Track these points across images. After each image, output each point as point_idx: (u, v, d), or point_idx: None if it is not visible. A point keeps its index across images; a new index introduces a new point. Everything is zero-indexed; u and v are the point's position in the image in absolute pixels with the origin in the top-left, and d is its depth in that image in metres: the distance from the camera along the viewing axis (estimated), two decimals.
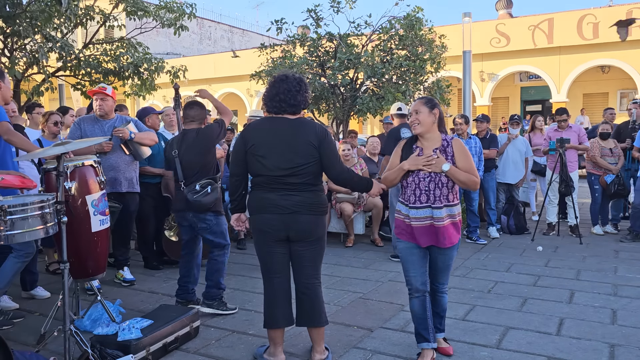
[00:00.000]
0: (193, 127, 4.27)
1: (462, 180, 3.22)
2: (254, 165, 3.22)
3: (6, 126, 3.88)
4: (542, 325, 3.96)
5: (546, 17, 17.20)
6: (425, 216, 3.22)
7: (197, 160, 4.17)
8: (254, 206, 3.27)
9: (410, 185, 3.28)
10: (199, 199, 4.05)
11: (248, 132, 3.25)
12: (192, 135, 4.22)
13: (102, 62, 9.25)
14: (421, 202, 3.24)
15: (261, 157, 3.18)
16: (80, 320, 3.78)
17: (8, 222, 2.85)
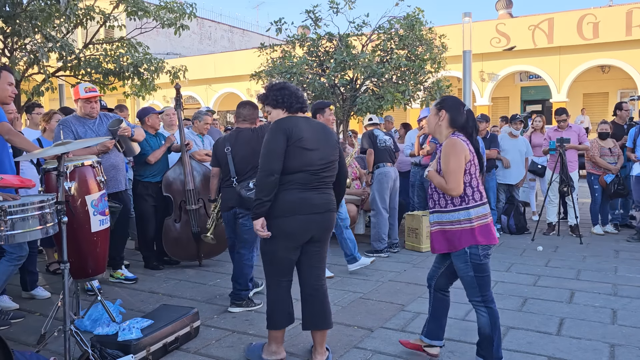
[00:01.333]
0: (246, 127, 4.47)
1: (436, 184, 3.16)
2: (298, 160, 3.14)
3: (7, 126, 3.88)
4: (542, 325, 3.97)
5: (546, 17, 17.19)
6: (432, 222, 3.27)
7: (250, 159, 4.30)
8: (285, 208, 3.16)
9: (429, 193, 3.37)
10: (251, 196, 4.13)
11: (289, 127, 3.17)
12: (247, 134, 4.43)
13: (102, 62, 9.24)
14: (429, 207, 3.32)
15: (310, 150, 3.18)
16: (80, 320, 3.78)
17: (8, 222, 2.85)
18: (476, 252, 3.09)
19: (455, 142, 3.10)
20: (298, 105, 3.30)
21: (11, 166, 4.06)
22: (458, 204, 3.10)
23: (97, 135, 4.79)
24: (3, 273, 3.95)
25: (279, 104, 3.29)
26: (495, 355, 3.19)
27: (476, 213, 3.10)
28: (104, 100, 6.76)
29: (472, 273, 3.13)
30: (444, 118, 3.20)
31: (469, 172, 3.11)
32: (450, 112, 3.18)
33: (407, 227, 6.74)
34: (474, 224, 3.07)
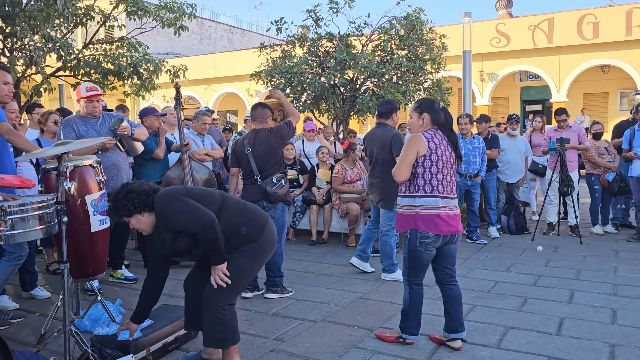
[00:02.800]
0: (261, 127, 4.75)
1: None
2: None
3: (7, 126, 3.88)
4: (542, 325, 3.97)
5: (546, 17, 17.20)
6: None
7: (270, 157, 4.66)
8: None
9: None
10: (276, 191, 4.58)
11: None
12: (264, 133, 4.69)
13: (101, 62, 9.24)
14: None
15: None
16: (80, 320, 3.78)
17: (8, 222, 2.85)
18: (414, 237, 3.45)
19: (416, 137, 3.44)
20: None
21: (12, 166, 4.06)
22: (404, 191, 3.53)
23: (99, 134, 4.78)
24: (3, 273, 3.94)
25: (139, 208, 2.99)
26: (411, 331, 3.63)
27: (422, 202, 3.44)
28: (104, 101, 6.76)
29: (405, 254, 3.55)
30: (426, 119, 3.50)
31: (422, 165, 3.42)
32: (430, 113, 3.49)
33: None
34: (417, 211, 3.44)
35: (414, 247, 3.46)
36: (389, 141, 5.10)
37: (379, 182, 5.21)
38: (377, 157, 5.24)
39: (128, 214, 2.89)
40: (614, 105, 19.19)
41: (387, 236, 5.25)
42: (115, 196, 2.92)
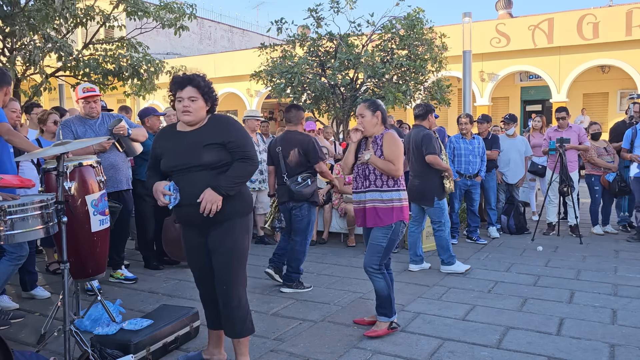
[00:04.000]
0: (294, 129, 5.00)
1: (381, 167, 3.74)
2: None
3: (6, 127, 3.88)
4: (542, 325, 3.96)
5: (546, 17, 17.18)
6: (358, 200, 3.86)
7: (299, 158, 4.87)
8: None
9: (354, 174, 3.93)
10: (300, 190, 4.79)
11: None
12: (295, 135, 4.95)
13: (101, 62, 9.23)
14: (357, 188, 3.88)
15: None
16: (80, 320, 3.78)
17: (8, 222, 2.85)
18: (399, 227, 3.78)
19: (395, 135, 3.81)
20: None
21: (12, 166, 4.06)
22: (392, 185, 3.77)
23: (97, 135, 4.77)
24: (3, 273, 3.94)
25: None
26: (394, 311, 3.84)
27: (404, 195, 3.83)
28: (104, 101, 6.75)
29: (384, 244, 3.76)
30: (380, 117, 3.81)
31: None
32: (382, 111, 3.83)
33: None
34: (402, 203, 3.79)
35: (396, 236, 3.78)
36: (420, 140, 5.38)
37: (416, 180, 5.53)
38: (413, 157, 5.53)
39: (196, 84, 2.93)
40: (614, 105, 19.17)
41: (440, 231, 5.52)
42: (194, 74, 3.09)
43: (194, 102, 2.92)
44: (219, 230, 3.01)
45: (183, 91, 2.91)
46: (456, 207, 7.05)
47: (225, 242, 3.01)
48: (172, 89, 2.98)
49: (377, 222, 3.76)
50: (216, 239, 3.02)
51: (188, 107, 2.91)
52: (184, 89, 2.91)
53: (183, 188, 2.94)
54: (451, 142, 7.01)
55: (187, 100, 2.90)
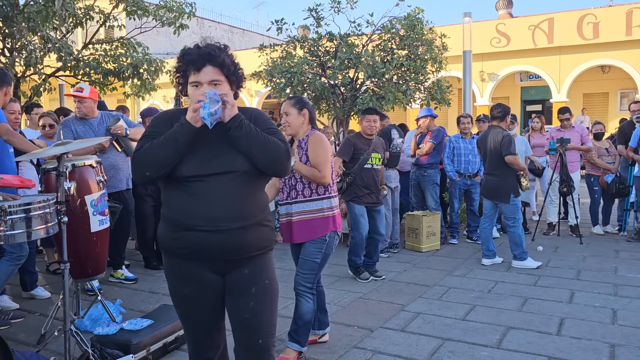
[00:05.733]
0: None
1: (305, 175, 3.27)
2: None
3: (5, 127, 3.88)
4: (542, 325, 3.96)
5: (546, 17, 17.19)
6: (284, 213, 3.37)
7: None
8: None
9: (281, 184, 3.42)
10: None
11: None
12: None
13: (101, 62, 9.23)
14: (283, 200, 3.39)
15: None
16: (80, 320, 3.78)
17: (8, 222, 2.85)
18: (332, 240, 3.31)
19: (322, 136, 3.34)
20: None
21: (12, 166, 4.06)
22: (322, 193, 3.32)
23: (96, 134, 4.77)
24: (3, 273, 3.94)
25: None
26: (306, 341, 3.39)
27: (335, 202, 3.38)
28: (104, 101, 6.75)
29: (318, 260, 3.30)
30: (307, 116, 3.36)
31: (332, 166, 3.35)
32: (310, 110, 3.37)
33: (407, 227, 6.74)
34: (334, 212, 3.34)
35: (330, 250, 3.33)
36: (499, 141, 5.59)
37: (493, 178, 5.73)
38: (492, 156, 5.71)
39: (220, 62, 2.10)
40: (614, 105, 19.18)
41: (514, 227, 5.68)
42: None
43: (218, 87, 2.07)
44: (250, 267, 2.16)
45: (201, 72, 2.05)
46: (456, 207, 7.05)
47: (260, 276, 2.19)
48: (182, 69, 2.11)
49: (309, 235, 3.27)
50: (245, 277, 2.15)
51: None
52: (201, 69, 2.06)
53: (197, 202, 2.04)
54: (451, 141, 7.01)
55: (208, 86, 2.05)
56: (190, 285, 2.17)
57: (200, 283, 2.16)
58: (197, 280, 2.15)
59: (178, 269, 2.19)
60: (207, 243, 2.06)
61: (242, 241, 2.09)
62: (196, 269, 2.14)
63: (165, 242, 2.17)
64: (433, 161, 6.87)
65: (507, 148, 5.57)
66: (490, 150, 5.74)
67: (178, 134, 2.01)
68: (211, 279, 2.15)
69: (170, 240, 2.13)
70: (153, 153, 2.02)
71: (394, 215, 6.41)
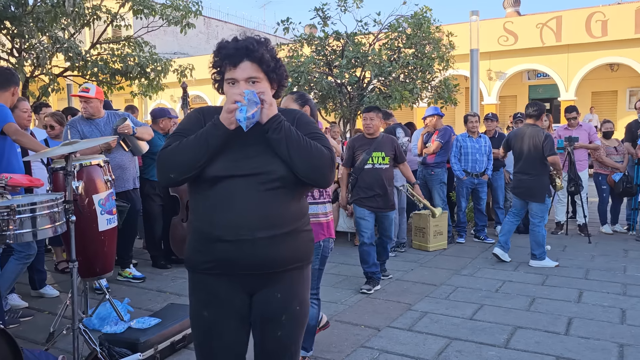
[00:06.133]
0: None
1: None
2: None
3: (14, 127, 3.90)
4: (550, 325, 3.94)
5: (554, 15, 17.09)
6: None
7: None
8: None
9: None
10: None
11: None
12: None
13: (109, 62, 9.28)
14: None
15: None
16: (88, 319, 3.80)
17: (17, 221, 2.86)
18: (327, 244, 3.18)
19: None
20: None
21: (19, 166, 4.09)
22: (317, 197, 3.15)
23: (103, 134, 4.79)
24: (12, 272, 3.97)
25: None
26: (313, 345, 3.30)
27: (330, 208, 3.23)
28: (111, 100, 6.77)
29: (317, 266, 3.16)
30: (308, 113, 3.16)
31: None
32: (312, 107, 3.22)
33: (414, 227, 6.73)
34: (328, 218, 3.19)
35: (327, 253, 3.23)
36: (541, 141, 5.55)
37: (529, 177, 5.67)
38: (528, 155, 5.66)
39: (259, 57, 1.86)
40: (622, 103, 19.06)
41: (539, 227, 5.64)
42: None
43: (255, 85, 1.88)
44: (283, 288, 1.93)
45: (237, 68, 1.86)
46: (463, 206, 7.02)
47: (292, 302, 1.95)
48: (218, 64, 1.92)
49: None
50: (275, 302, 1.92)
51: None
52: (238, 65, 1.86)
53: (221, 208, 1.83)
54: (458, 140, 6.99)
55: (245, 83, 1.87)
56: (212, 306, 1.90)
57: (224, 304, 1.89)
58: (221, 300, 1.89)
59: (202, 287, 1.91)
60: (232, 256, 1.82)
61: (272, 253, 1.85)
62: (222, 287, 1.88)
63: (190, 256, 1.92)
64: (440, 160, 6.85)
65: (551, 148, 5.53)
66: (528, 149, 5.66)
67: (209, 135, 1.82)
68: (238, 300, 1.90)
69: (194, 253, 1.90)
70: (179, 153, 1.82)
71: (400, 214, 6.39)
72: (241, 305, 1.91)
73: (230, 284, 1.87)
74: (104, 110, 5.00)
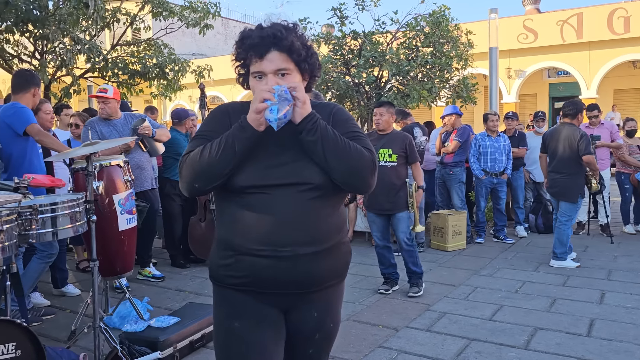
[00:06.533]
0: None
1: None
2: None
3: (37, 128, 3.97)
4: (571, 326, 3.89)
5: (575, 11, 16.83)
6: None
7: None
8: None
9: None
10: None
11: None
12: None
13: (128, 63, 9.39)
14: None
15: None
16: (109, 318, 3.84)
17: (39, 221, 2.91)
18: None
19: None
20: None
21: (41, 166, 4.16)
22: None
23: (120, 135, 4.84)
24: (35, 270, 4.04)
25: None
26: None
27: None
28: (130, 101, 6.84)
29: None
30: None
31: None
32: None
33: (433, 226, 6.68)
34: None
35: None
36: (576, 140, 5.48)
37: (562, 177, 5.60)
38: (563, 154, 5.59)
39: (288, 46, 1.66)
40: None
41: (565, 225, 5.57)
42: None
43: (285, 78, 1.67)
44: (319, 306, 1.79)
45: (264, 60, 1.66)
46: (482, 206, 6.96)
47: (327, 319, 1.83)
48: (242, 55, 1.71)
49: None
50: (311, 321, 1.79)
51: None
52: (265, 56, 1.66)
53: (256, 220, 1.65)
54: (477, 139, 6.93)
55: (274, 76, 1.67)
56: (244, 317, 1.71)
57: (258, 314, 1.71)
58: (254, 311, 1.71)
59: (230, 303, 1.73)
60: (268, 273, 1.65)
61: (313, 271, 1.69)
62: (253, 303, 1.71)
63: (216, 269, 1.75)
64: (459, 159, 6.80)
65: (587, 147, 5.46)
66: (563, 148, 5.60)
67: (235, 138, 1.62)
68: (273, 313, 1.73)
69: (222, 268, 1.72)
70: (203, 160, 1.62)
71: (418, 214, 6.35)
72: (277, 318, 1.74)
73: (264, 301, 1.71)
74: (121, 112, 5.05)
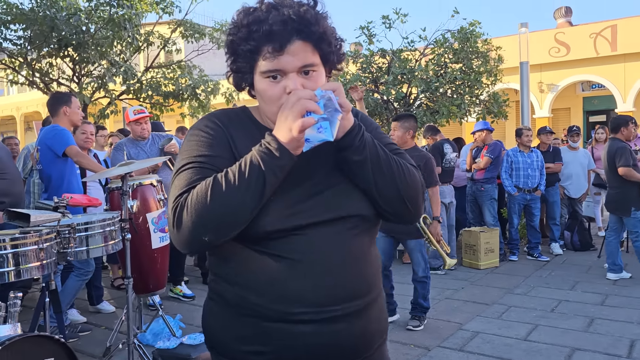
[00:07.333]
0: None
1: None
2: None
3: (75, 149, 4.11)
4: (611, 347, 3.76)
5: (609, 23, 16.53)
6: None
7: None
8: None
9: None
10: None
11: None
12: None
13: (161, 84, 9.65)
14: None
15: None
16: (143, 334, 3.90)
17: (77, 239, 3.00)
18: None
19: None
20: None
21: (79, 186, 4.29)
22: None
23: (148, 155, 4.91)
24: (72, 287, 4.15)
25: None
26: None
27: None
28: (163, 121, 7.01)
29: None
30: None
31: None
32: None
33: (464, 244, 6.59)
34: None
35: None
36: (613, 153, 5.58)
37: (612, 191, 5.70)
38: (607, 168, 5.73)
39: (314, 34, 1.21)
40: None
41: (637, 241, 5.57)
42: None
43: (311, 78, 1.23)
44: None
45: (284, 53, 1.20)
46: (515, 223, 6.83)
47: None
48: (251, 46, 1.24)
49: None
50: None
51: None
52: (285, 48, 1.19)
53: (290, 273, 1.19)
54: (508, 155, 6.83)
55: (297, 76, 1.22)
56: None
57: None
58: None
59: None
60: (308, 342, 1.19)
61: (365, 330, 1.26)
62: None
63: (228, 343, 1.26)
64: (490, 176, 6.71)
65: (621, 159, 5.52)
66: (607, 162, 5.73)
67: (266, 166, 1.13)
68: None
69: (238, 341, 1.24)
70: (215, 203, 1.11)
71: (449, 231, 6.28)
72: None
73: None
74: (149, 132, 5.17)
